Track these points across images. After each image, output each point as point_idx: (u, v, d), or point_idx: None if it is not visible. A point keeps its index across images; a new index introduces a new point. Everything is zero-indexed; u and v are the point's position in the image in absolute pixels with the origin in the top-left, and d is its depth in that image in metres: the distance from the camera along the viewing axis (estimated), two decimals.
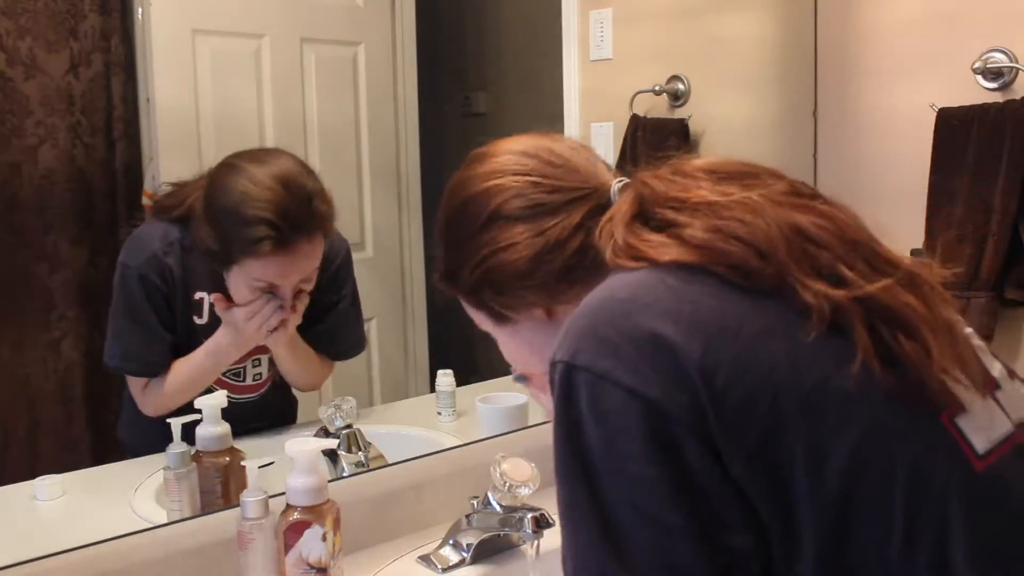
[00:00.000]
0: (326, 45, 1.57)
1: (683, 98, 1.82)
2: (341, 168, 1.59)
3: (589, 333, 0.70)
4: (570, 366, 0.69)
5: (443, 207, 0.91)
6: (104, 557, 1.05)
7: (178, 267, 1.25)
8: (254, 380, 1.36)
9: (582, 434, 0.68)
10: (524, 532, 1.17)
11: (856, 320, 0.67)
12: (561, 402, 0.69)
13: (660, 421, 0.65)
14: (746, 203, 0.73)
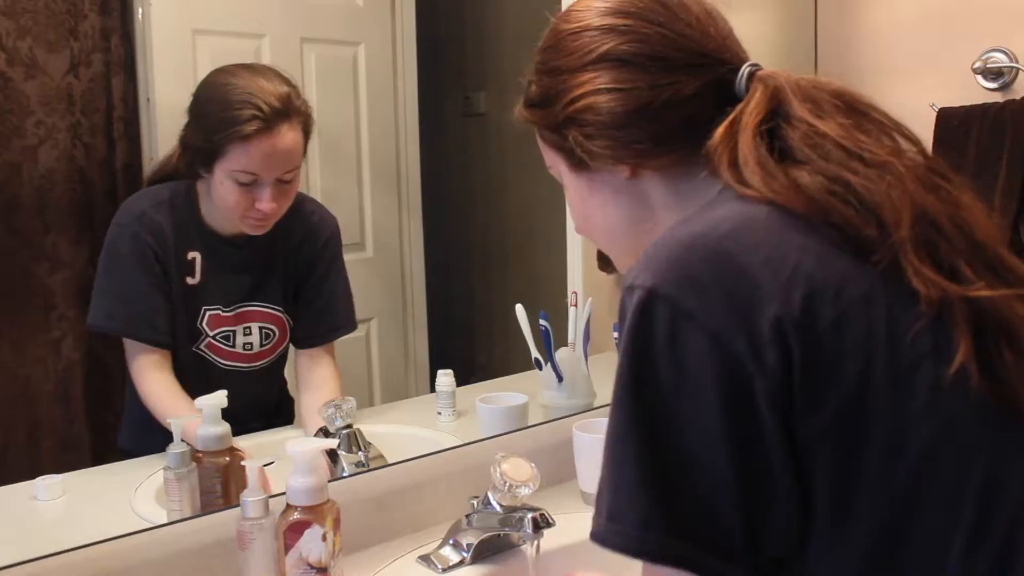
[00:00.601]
0: (326, 45, 1.57)
1: None
2: (341, 168, 1.59)
3: (680, 264, 0.65)
4: (653, 294, 0.64)
5: (555, 27, 0.85)
6: (104, 557, 1.05)
7: (169, 225, 1.26)
8: (244, 349, 1.35)
9: (653, 370, 0.64)
10: (524, 532, 1.17)
11: (963, 320, 0.64)
12: (635, 331, 0.65)
13: (738, 375, 0.62)
14: (882, 165, 0.68)
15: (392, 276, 1.71)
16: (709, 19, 0.81)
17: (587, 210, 0.87)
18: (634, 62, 0.78)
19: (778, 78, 0.77)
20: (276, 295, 1.37)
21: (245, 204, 1.26)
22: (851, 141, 0.70)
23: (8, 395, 1.28)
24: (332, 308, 1.45)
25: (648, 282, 0.65)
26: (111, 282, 1.27)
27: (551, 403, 1.56)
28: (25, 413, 1.29)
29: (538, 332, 1.53)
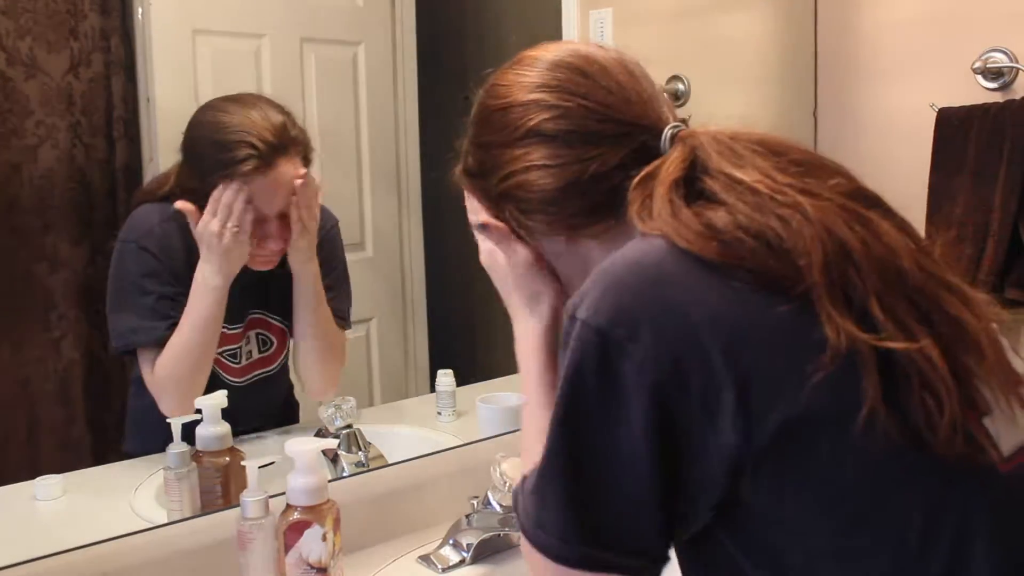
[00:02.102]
0: (326, 45, 1.57)
1: (683, 98, 1.81)
2: (341, 168, 1.59)
3: (611, 296, 0.69)
4: (587, 326, 0.68)
5: (482, 102, 0.88)
6: (104, 557, 1.05)
7: (179, 239, 1.24)
8: (247, 359, 1.35)
9: (584, 398, 0.68)
10: None
11: (871, 367, 0.63)
12: (573, 358, 0.69)
13: (664, 400, 0.65)
14: (795, 204, 0.68)
15: (392, 276, 1.71)
16: (631, 82, 0.83)
17: (535, 278, 0.91)
18: (560, 137, 0.80)
19: (697, 136, 0.78)
20: (279, 305, 1.36)
21: (252, 243, 1.24)
22: (767, 184, 0.70)
23: (8, 395, 1.28)
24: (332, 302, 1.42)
25: (584, 314, 0.69)
26: (123, 299, 1.25)
27: None
28: (25, 413, 1.29)
29: None
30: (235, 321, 1.32)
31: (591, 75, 0.82)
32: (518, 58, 0.86)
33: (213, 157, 1.21)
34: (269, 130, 1.21)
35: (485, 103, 0.87)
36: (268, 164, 1.20)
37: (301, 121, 1.51)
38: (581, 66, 0.82)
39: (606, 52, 0.85)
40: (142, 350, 1.25)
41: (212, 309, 1.24)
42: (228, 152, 1.19)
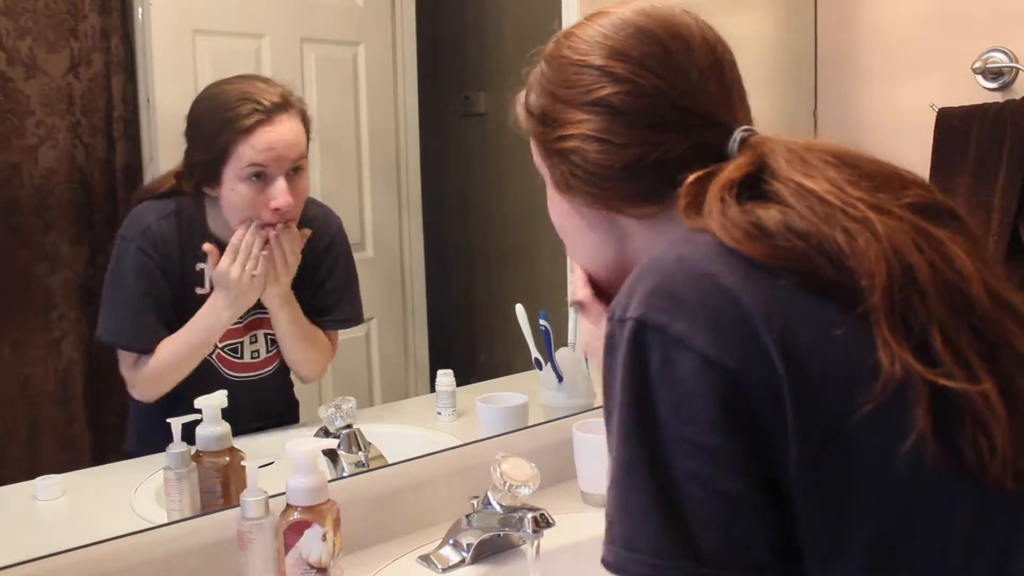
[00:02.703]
0: (326, 45, 1.57)
1: None
2: (341, 168, 1.59)
3: (663, 291, 0.66)
4: (642, 324, 0.65)
5: (560, 49, 0.83)
6: (104, 557, 1.05)
7: (175, 237, 1.26)
8: (252, 357, 1.35)
9: (650, 397, 0.65)
10: (524, 532, 1.17)
11: (923, 400, 0.61)
12: (629, 361, 0.66)
13: (734, 392, 0.63)
14: (864, 219, 0.65)
15: (392, 276, 1.71)
16: (713, 69, 0.79)
17: (563, 224, 0.87)
18: (628, 116, 0.77)
19: (769, 143, 0.75)
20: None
21: (260, 205, 1.25)
22: (837, 196, 0.68)
23: (8, 395, 1.28)
24: (342, 300, 1.45)
25: (636, 312, 0.66)
26: (116, 297, 1.27)
27: (551, 403, 1.56)
28: (25, 413, 1.29)
29: (538, 332, 1.53)
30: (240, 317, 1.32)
31: (674, 53, 0.78)
32: (604, 12, 0.81)
33: (217, 120, 1.23)
34: (270, 92, 1.24)
35: (562, 52, 0.83)
36: (270, 118, 1.22)
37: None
38: (666, 41, 0.78)
39: (695, 26, 0.80)
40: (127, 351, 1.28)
41: (212, 336, 1.29)
42: (231, 111, 1.22)
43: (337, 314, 1.46)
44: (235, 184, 1.24)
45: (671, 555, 0.63)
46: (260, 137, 1.22)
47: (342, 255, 1.45)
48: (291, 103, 1.26)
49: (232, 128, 1.21)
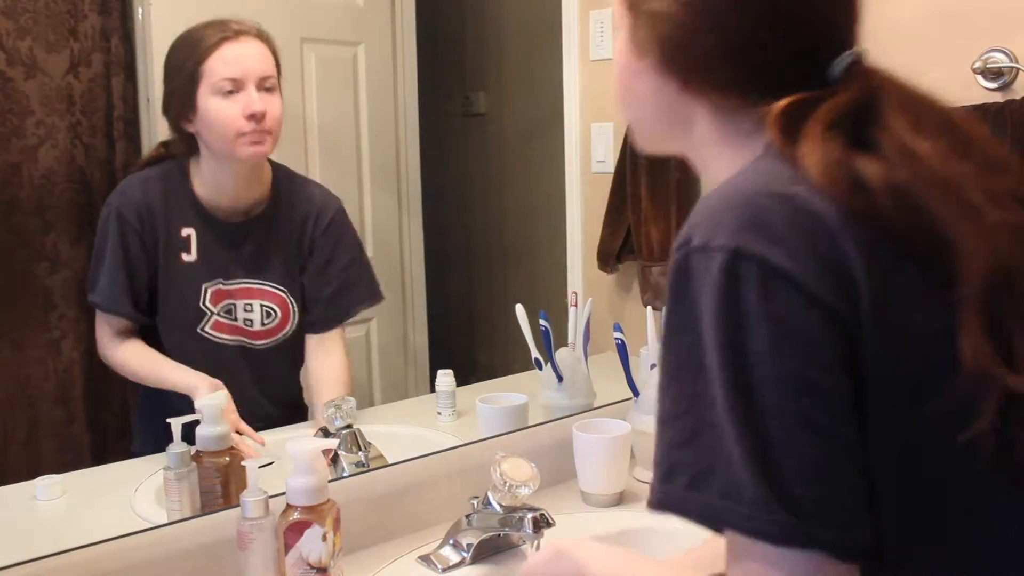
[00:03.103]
0: (326, 45, 1.57)
1: None
2: (341, 168, 1.59)
3: (761, 222, 0.60)
4: (738, 255, 0.59)
5: None
6: (104, 557, 1.05)
7: (160, 201, 1.29)
8: (245, 325, 1.35)
9: (748, 336, 0.58)
10: (524, 532, 1.17)
11: (993, 398, 0.60)
12: (720, 294, 0.59)
13: (838, 332, 0.58)
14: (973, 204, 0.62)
15: (392, 276, 1.71)
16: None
17: (628, 87, 0.80)
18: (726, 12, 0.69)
19: (882, 78, 0.69)
20: (278, 274, 1.36)
21: (235, 115, 1.26)
22: (947, 167, 0.63)
23: (8, 395, 1.28)
24: (344, 291, 1.44)
25: (730, 242, 0.60)
26: (96, 259, 1.29)
27: (551, 403, 1.56)
28: (25, 413, 1.29)
29: (538, 332, 1.53)
30: (230, 277, 1.33)
31: None
32: None
33: (187, 49, 1.27)
34: (235, 22, 1.29)
35: None
36: (236, 36, 1.27)
37: (301, 122, 1.53)
38: None
39: None
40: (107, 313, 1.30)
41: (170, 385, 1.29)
42: (199, 36, 1.27)
43: (350, 297, 1.45)
44: (209, 102, 1.26)
45: (768, 508, 0.57)
46: (228, 50, 1.26)
47: (345, 235, 1.44)
48: (258, 31, 1.30)
49: (200, 48, 1.25)
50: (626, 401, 1.52)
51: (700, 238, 0.61)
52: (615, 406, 1.55)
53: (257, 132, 1.28)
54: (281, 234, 1.38)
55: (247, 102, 1.26)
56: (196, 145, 1.30)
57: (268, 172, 1.37)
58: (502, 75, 1.99)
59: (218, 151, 1.29)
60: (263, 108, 1.27)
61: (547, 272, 1.95)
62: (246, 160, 1.30)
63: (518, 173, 1.99)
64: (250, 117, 1.27)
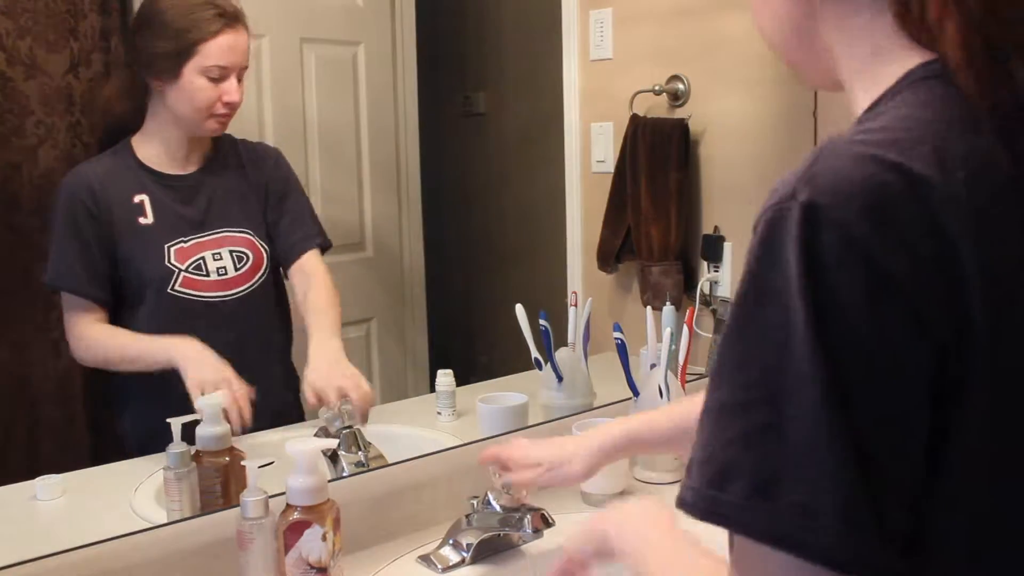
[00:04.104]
0: (326, 45, 1.57)
1: (683, 98, 1.81)
2: (341, 168, 1.59)
3: (849, 183, 0.53)
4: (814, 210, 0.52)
5: None
6: (104, 557, 1.05)
7: (108, 174, 1.31)
8: (219, 275, 1.34)
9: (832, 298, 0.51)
10: (524, 532, 1.17)
11: None
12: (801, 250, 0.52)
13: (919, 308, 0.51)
14: None
15: (392, 276, 1.71)
16: None
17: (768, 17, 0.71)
18: None
19: None
20: (238, 218, 1.38)
21: (214, 98, 1.32)
22: None
23: (8, 395, 1.28)
24: (302, 220, 1.46)
25: (810, 196, 0.53)
26: (53, 240, 1.29)
27: (551, 403, 1.56)
28: (25, 413, 1.29)
29: (538, 332, 1.53)
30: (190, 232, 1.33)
31: None
32: None
33: (183, 19, 1.30)
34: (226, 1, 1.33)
35: None
36: (232, 25, 1.32)
37: (301, 122, 1.54)
38: None
39: None
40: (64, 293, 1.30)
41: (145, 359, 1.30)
42: (198, 13, 1.30)
43: (314, 231, 1.46)
44: (195, 78, 1.30)
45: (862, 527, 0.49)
46: (225, 39, 1.31)
47: (291, 175, 1.47)
48: (242, 14, 1.35)
49: (200, 29, 1.30)
50: (626, 401, 1.52)
51: (791, 187, 0.54)
52: (615, 406, 1.55)
53: (226, 116, 1.34)
54: (231, 182, 1.40)
55: (227, 90, 1.32)
56: (143, 104, 1.33)
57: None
58: (502, 75, 1.99)
59: (183, 118, 1.33)
60: (239, 99, 1.34)
61: (547, 272, 1.95)
62: (207, 133, 1.37)
63: (518, 173, 1.99)
64: (226, 104, 1.33)
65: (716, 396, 0.54)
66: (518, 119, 1.98)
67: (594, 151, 1.85)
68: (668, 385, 1.46)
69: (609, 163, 1.82)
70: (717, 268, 1.81)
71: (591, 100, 1.85)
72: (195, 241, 1.33)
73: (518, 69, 1.97)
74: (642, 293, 1.80)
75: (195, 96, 1.31)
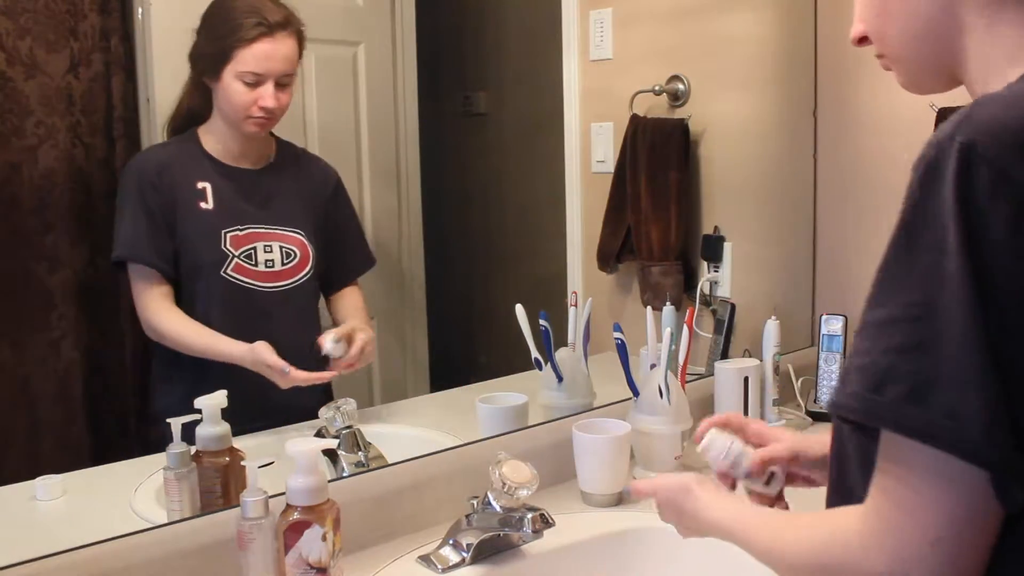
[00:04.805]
0: (326, 45, 1.57)
1: (683, 98, 1.82)
2: (341, 168, 1.59)
3: (1002, 125, 0.59)
4: (970, 148, 0.58)
5: None
6: (104, 557, 1.05)
7: (175, 159, 1.39)
8: (266, 266, 1.40)
9: (1001, 251, 0.57)
10: (524, 532, 1.17)
11: None
12: (957, 183, 0.58)
13: None
14: None
15: (392, 276, 1.71)
16: None
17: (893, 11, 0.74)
18: None
19: None
20: (292, 218, 1.44)
21: (250, 102, 1.36)
22: None
23: (8, 395, 1.28)
24: (356, 247, 1.57)
25: (975, 137, 0.59)
26: (121, 217, 1.34)
27: (551, 403, 1.56)
28: (25, 413, 1.29)
29: (538, 332, 1.53)
30: (246, 222, 1.39)
31: None
32: None
33: (225, 25, 1.37)
34: (275, 11, 1.39)
35: None
36: (271, 33, 1.36)
37: (301, 122, 1.54)
38: None
39: None
40: (131, 265, 1.34)
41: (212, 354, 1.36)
42: (239, 20, 1.36)
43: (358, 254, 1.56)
44: (232, 82, 1.35)
45: (991, 439, 0.56)
46: (260, 48, 1.35)
47: (349, 201, 1.55)
48: (292, 22, 1.39)
49: (237, 36, 1.35)
50: (626, 401, 1.52)
51: (965, 136, 0.59)
52: (615, 406, 1.55)
53: (263, 119, 1.38)
54: (291, 183, 1.47)
55: (263, 95, 1.36)
56: (211, 98, 1.39)
57: (269, 136, 1.46)
58: (502, 75, 1.99)
59: (227, 116, 1.39)
60: (275, 104, 1.37)
61: (547, 272, 1.95)
62: (248, 134, 1.40)
63: (518, 173, 1.99)
64: (261, 108, 1.37)
65: (877, 311, 0.62)
66: (518, 119, 1.98)
67: (594, 151, 1.85)
68: (668, 385, 1.46)
69: (609, 163, 1.82)
70: (717, 268, 1.81)
71: (591, 100, 1.85)
72: (250, 230, 1.39)
73: (518, 69, 1.97)
74: (642, 293, 1.80)
75: (232, 98, 1.37)
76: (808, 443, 0.96)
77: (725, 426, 0.98)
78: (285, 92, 1.39)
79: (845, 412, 0.63)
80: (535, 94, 1.95)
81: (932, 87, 0.77)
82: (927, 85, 0.77)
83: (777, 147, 1.93)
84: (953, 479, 0.58)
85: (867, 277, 0.64)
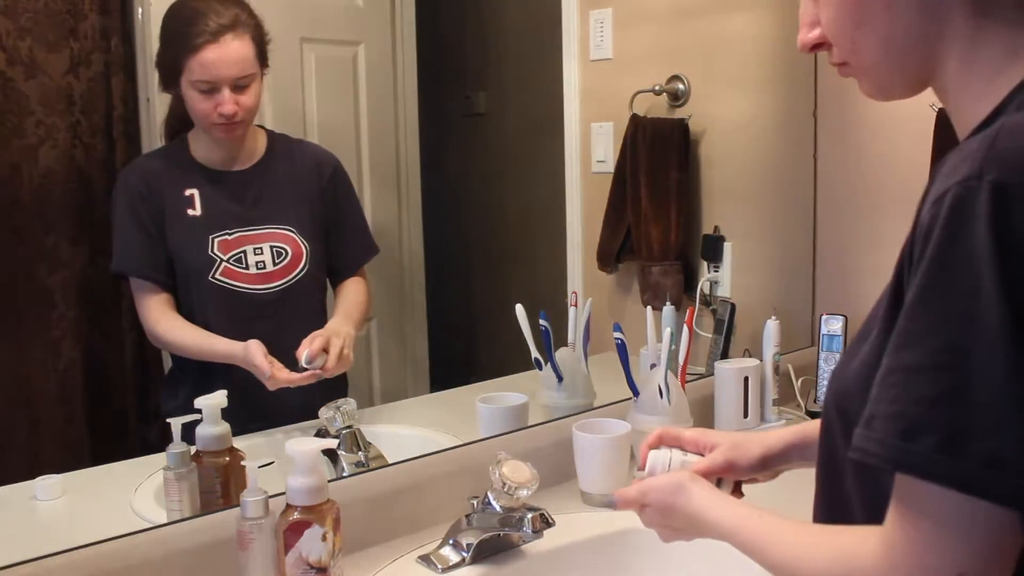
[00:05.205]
0: (326, 45, 1.57)
1: (683, 98, 1.82)
2: None
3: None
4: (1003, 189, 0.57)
5: None
6: (104, 557, 1.05)
7: (163, 167, 1.38)
8: (258, 269, 1.39)
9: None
10: (524, 532, 1.17)
11: None
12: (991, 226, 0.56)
13: None
14: None
15: (392, 276, 1.71)
16: None
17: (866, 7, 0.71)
18: None
19: None
20: (284, 216, 1.43)
21: (209, 110, 1.35)
22: None
23: (8, 395, 1.28)
24: (360, 234, 1.56)
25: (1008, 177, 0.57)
26: (115, 230, 1.34)
27: (551, 403, 1.56)
28: (25, 413, 1.29)
29: (538, 332, 1.53)
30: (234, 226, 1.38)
31: None
32: None
33: (176, 33, 1.35)
34: (222, 14, 1.35)
35: None
36: (215, 38, 1.34)
37: (301, 122, 1.54)
38: None
39: None
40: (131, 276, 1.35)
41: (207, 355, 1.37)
42: (185, 28, 1.34)
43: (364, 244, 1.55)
44: (188, 91, 1.34)
45: None
46: (206, 55, 1.33)
47: (350, 186, 1.54)
48: (240, 22, 1.36)
49: (184, 45, 1.33)
50: (626, 401, 1.52)
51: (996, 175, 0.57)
52: (615, 406, 1.55)
53: (228, 125, 1.37)
54: (282, 177, 1.45)
55: (220, 101, 1.34)
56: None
57: (259, 133, 1.45)
58: (502, 75, 1.99)
59: (198, 124, 1.38)
60: (234, 109, 1.35)
61: (547, 272, 1.95)
62: (220, 140, 1.40)
63: (518, 173, 1.99)
64: (221, 115, 1.35)
65: (905, 357, 0.60)
66: (518, 119, 1.98)
67: (594, 151, 1.85)
68: (668, 385, 1.46)
69: (609, 163, 1.82)
70: (717, 268, 1.81)
71: (591, 100, 1.85)
72: (239, 234, 1.39)
73: (518, 69, 1.97)
74: (642, 293, 1.80)
75: (193, 107, 1.36)
76: (743, 448, 0.95)
77: (660, 443, 0.99)
78: (246, 94, 1.37)
79: (875, 461, 0.61)
80: (535, 94, 1.95)
81: (902, 94, 0.76)
82: (897, 93, 0.76)
83: (777, 147, 1.93)
84: (977, 516, 0.58)
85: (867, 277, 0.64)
